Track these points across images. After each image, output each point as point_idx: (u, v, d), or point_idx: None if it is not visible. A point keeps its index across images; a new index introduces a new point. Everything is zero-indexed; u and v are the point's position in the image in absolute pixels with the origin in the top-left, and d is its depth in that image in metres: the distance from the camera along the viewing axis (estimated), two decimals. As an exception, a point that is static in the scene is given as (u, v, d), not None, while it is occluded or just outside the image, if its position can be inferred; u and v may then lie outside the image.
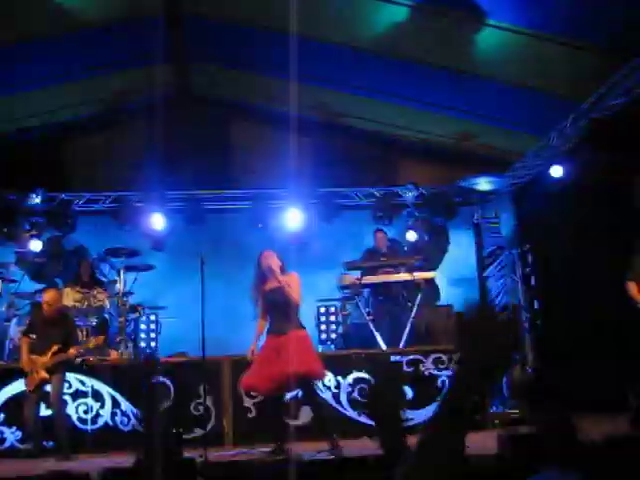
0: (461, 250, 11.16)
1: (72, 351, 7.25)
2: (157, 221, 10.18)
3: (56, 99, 9.53)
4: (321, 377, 7.03)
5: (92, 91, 9.83)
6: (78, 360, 7.75)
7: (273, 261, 6.70)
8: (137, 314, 9.49)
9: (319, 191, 10.66)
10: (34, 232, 9.95)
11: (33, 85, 8.80)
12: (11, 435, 7.60)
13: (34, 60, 8.07)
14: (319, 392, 7.27)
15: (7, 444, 7.53)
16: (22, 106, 9.36)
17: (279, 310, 6.58)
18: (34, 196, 9.98)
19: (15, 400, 7.56)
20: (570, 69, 7.87)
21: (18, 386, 7.56)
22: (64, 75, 8.88)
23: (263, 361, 6.44)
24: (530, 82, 8.31)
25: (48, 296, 7.42)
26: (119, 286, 9.35)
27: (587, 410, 8.46)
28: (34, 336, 7.31)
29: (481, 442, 5.42)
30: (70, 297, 8.75)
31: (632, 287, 7.02)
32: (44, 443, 7.28)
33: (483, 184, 10.67)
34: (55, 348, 7.17)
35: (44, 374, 7.14)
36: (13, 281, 9.53)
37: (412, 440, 2.26)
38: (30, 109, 9.49)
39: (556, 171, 9.36)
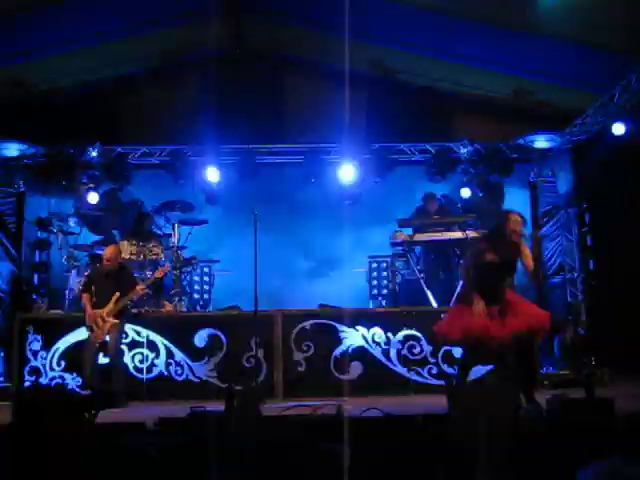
0: (516, 208, 10.97)
1: (140, 287, 7.64)
2: (211, 175, 10.25)
3: (114, 54, 9.62)
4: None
5: (149, 45, 9.88)
6: (134, 311, 8.02)
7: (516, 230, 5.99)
8: (191, 267, 9.66)
9: (373, 146, 10.55)
10: (91, 185, 10.15)
11: (92, 40, 8.91)
12: (72, 381, 7.93)
13: (94, 16, 8.14)
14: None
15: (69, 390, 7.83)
16: (81, 61, 9.49)
17: (497, 284, 5.97)
18: (91, 149, 10.14)
19: (76, 348, 7.86)
20: (631, 21, 7.55)
21: (78, 334, 7.85)
22: (122, 30, 8.95)
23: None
24: (588, 36, 8.03)
25: (108, 253, 7.68)
26: (174, 239, 9.51)
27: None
28: (93, 289, 7.53)
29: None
30: (126, 250, 8.94)
31: None
32: (103, 390, 7.55)
33: (541, 141, 10.40)
34: (117, 295, 7.40)
35: (112, 320, 7.37)
36: (72, 233, 9.80)
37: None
38: (89, 64, 9.61)
39: (618, 129, 9.07)
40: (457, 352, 7.99)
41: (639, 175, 9.01)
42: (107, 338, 7.45)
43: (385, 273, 10.02)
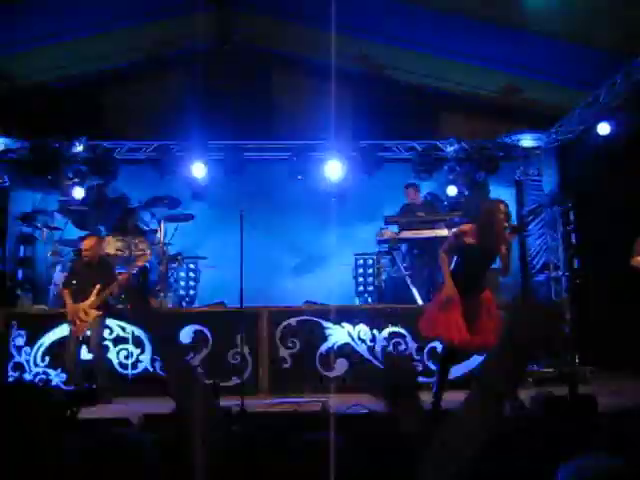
0: (502, 205, 11.01)
1: (122, 277, 7.57)
2: (198, 170, 10.22)
3: (99, 48, 9.56)
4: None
5: (135, 39, 9.83)
6: (119, 307, 7.98)
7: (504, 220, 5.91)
8: (177, 263, 9.63)
9: (360, 143, 10.56)
10: (77, 180, 10.11)
11: (76, 34, 8.84)
12: (56, 377, 7.88)
13: (76, 9, 8.08)
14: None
15: (53, 385, 7.79)
16: (66, 55, 9.42)
17: (477, 271, 6.03)
18: (77, 144, 10.08)
19: (60, 344, 7.80)
20: (622, 22, 7.60)
21: (63, 330, 7.78)
22: (107, 23, 8.89)
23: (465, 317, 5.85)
24: (579, 35, 8.05)
25: (87, 243, 7.64)
26: (160, 235, 9.47)
27: (624, 370, 8.46)
28: (75, 282, 7.48)
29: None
30: (112, 245, 8.90)
31: None
32: (87, 386, 7.52)
33: (527, 140, 10.46)
34: (99, 287, 7.35)
35: (94, 312, 7.32)
36: (57, 228, 9.75)
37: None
38: (73, 58, 9.55)
39: (603, 128, 9.12)
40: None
41: (624, 174, 9.06)
42: (89, 332, 7.41)
43: (371, 270, 10.04)
